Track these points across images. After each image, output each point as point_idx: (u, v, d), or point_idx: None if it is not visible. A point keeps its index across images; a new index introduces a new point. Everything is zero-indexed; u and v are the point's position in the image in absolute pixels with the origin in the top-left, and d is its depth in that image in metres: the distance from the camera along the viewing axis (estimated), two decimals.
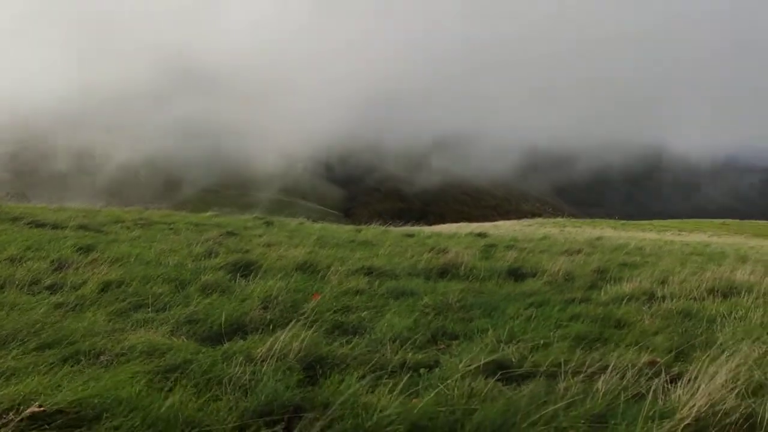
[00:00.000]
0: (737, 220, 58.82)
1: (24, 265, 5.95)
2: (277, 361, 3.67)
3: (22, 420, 2.64)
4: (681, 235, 34.99)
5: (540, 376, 3.67)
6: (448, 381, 3.44)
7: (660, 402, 3.11)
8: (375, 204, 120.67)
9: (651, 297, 6.29)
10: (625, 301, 6.06)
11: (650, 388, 3.25)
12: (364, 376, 3.48)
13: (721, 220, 58.49)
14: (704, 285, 6.67)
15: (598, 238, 19.82)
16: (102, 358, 3.59)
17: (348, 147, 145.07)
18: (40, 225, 9.23)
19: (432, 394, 3.14)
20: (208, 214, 16.21)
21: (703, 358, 3.40)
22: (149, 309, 4.83)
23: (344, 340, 4.31)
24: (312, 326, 4.27)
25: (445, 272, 7.52)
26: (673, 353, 4.21)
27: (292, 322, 4.38)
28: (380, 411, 2.95)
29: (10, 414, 2.67)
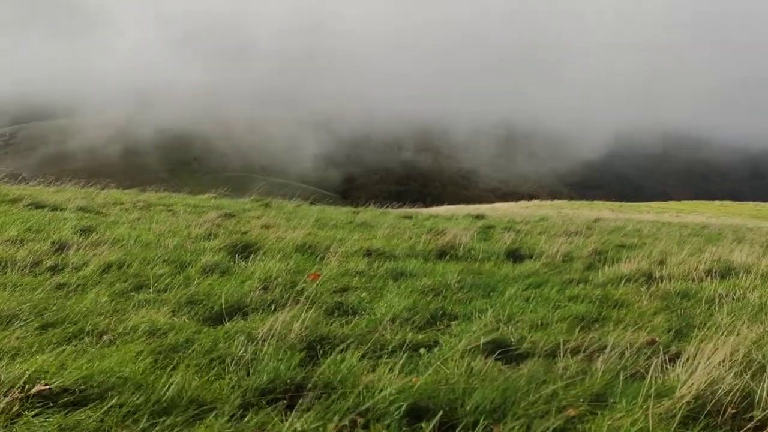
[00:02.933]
0: (736, 202, 58.89)
1: (25, 246, 5.95)
2: (278, 341, 3.69)
3: (27, 398, 2.67)
4: (679, 217, 35.07)
5: (539, 356, 3.70)
6: (448, 360, 3.47)
7: (659, 381, 3.14)
8: (372, 186, 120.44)
9: (649, 278, 6.33)
10: (623, 282, 6.10)
11: (649, 367, 3.28)
12: (364, 356, 3.51)
13: (720, 202, 58.56)
14: (702, 266, 6.71)
15: (596, 220, 19.86)
16: (105, 337, 3.61)
17: (345, 128, 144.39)
18: (39, 206, 9.22)
19: (432, 373, 3.18)
20: (206, 196, 16.19)
21: (702, 338, 3.43)
22: (150, 290, 4.85)
23: (344, 321, 4.35)
24: (312, 306, 4.30)
25: (443, 253, 7.55)
26: (671, 333, 4.26)
27: (292, 303, 4.41)
28: (380, 390, 2.98)
29: (16, 392, 2.70)
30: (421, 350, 3.78)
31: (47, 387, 2.74)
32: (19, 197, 9.77)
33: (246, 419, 2.73)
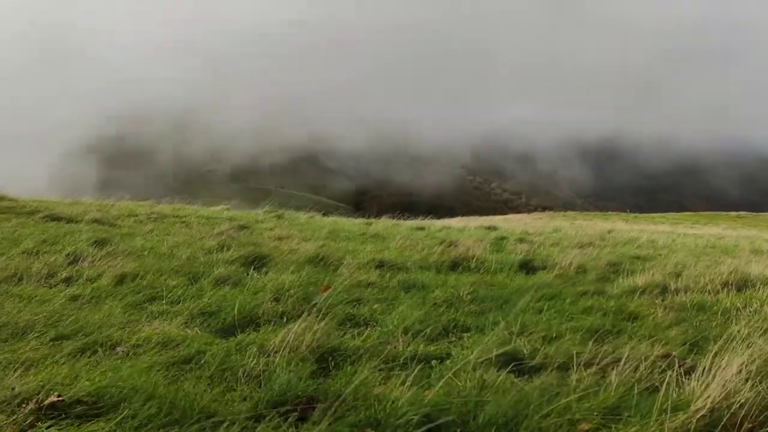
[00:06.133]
0: (752, 213, 58.15)
1: (40, 258, 6.02)
2: (290, 352, 3.69)
3: (41, 409, 2.69)
4: (694, 228, 34.69)
5: (552, 368, 3.67)
6: (460, 372, 3.45)
7: (674, 394, 3.10)
8: (384, 197, 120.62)
9: (664, 290, 6.25)
10: (638, 294, 6.04)
11: (664, 380, 3.23)
12: (376, 368, 3.50)
13: (736, 213, 57.88)
14: (718, 278, 6.62)
15: (610, 231, 19.71)
16: (118, 349, 3.64)
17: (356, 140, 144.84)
18: (55, 218, 9.33)
19: (444, 385, 3.16)
20: (219, 207, 16.27)
21: (718, 350, 3.38)
22: (163, 301, 4.88)
23: (356, 332, 4.34)
24: (324, 318, 4.30)
25: (455, 265, 7.52)
26: (687, 346, 4.20)
27: (304, 314, 4.41)
28: (392, 402, 2.97)
29: (30, 404, 2.72)
30: (433, 362, 3.76)
31: (61, 399, 2.76)
32: (35, 210, 9.90)
33: (257, 431, 2.72)
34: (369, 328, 4.47)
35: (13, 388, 2.81)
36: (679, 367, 3.55)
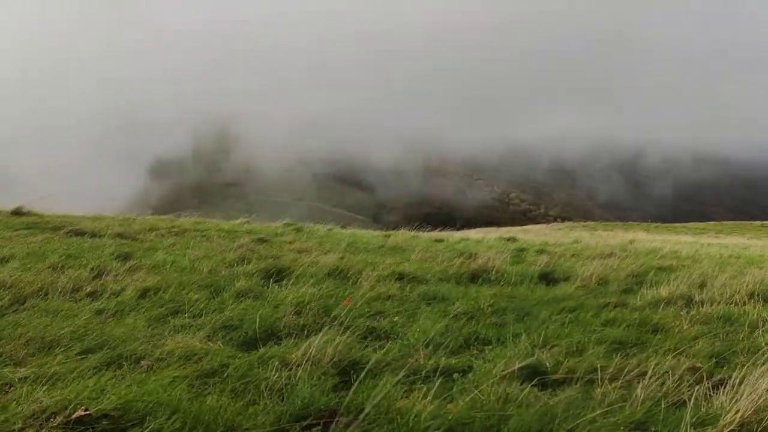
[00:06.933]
0: None
1: (65, 272, 6.11)
2: (311, 365, 3.70)
3: (68, 423, 2.72)
4: (719, 238, 34.15)
5: (576, 382, 3.63)
6: (483, 386, 3.42)
7: (702, 409, 3.04)
8: (403, 209, 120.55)
9: (689, 301, 6.16)
10: (662, 305, 5.95)
11: (692, 394, 3.18)
12: (398, 381, 3.48)
13: (761, 223, 56.90)
14: (745, 289, 6.51)
15: (631, 242, 19.46)
16: (143, 362, 3.67)
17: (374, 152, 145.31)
18: (79, 233, 9.48)
19: (467, 400, 3.14)
20: (239, 221, 16.39)
21: (747, 364, 3.32)
22: (186, 315, 4.92)
23: (377, 345, 4.33)
24: (345, 331, 4.30)
25: (475, 277, 7.49)
26: (714, 359, 4.13)
27: (326, 328, 4.42)
28: (415, 416, 2.96)
29: (58, 418, 2.75)
30: (455, 375, 3.74)
31: (88, 412, 2.79)
32: (60, 225, 10.06)
33: None
34: (390, 341, 4.46)
35: (41, 402, 2.85)
36: (707, 380, 3.49)
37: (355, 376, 3.67)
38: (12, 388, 3.13)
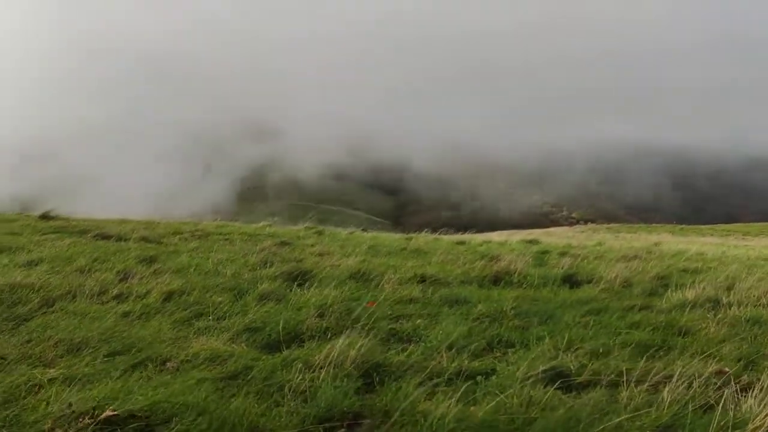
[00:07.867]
0: None
1: (92, 275, 6.22)
2: (334, 368, 3.72)
3: (97, 424, 2.77)
4: (745, 240, 33.51)
5: (601, 385, 3.59)
6: (507, 389, 3.41)
7: (730, 412, 2.99)
8: (424, 212, 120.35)
9: (716, 304, 6.06)
10: (688, 308, 5.86)
11: (719, 398, 3.13)
12: (421, 384, 3.48)
13: None
14: None
15: (656, 244, 19.18)
16: (168, 364, 3.73)
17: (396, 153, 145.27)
18: (105, 237, 9.64)
19: (492, 403, 3.12)
20: (261, 224, 16.53)
21: None
22: (210, 317, 4.97)
23: (400, 348, 4.33)
24: (368, 334, 4.31)
25: (498, 279, 7.45)
26: (742, 362, 4.06)
27: (348, 330, 4.44)
28: (439, 418, 2.95)
29: (86, 418, 2.81)
30: (479, 378, 3.73)
31: (116, 413, 2.84)
32: (86, 229, 10.26)
33: None
34: (413, 344, 4.46)
35: (70, 404, 2.91)
36: (735, 384, 3.43)
37: (378, 379, 3.68)
38: (41, 389, 3.19)
